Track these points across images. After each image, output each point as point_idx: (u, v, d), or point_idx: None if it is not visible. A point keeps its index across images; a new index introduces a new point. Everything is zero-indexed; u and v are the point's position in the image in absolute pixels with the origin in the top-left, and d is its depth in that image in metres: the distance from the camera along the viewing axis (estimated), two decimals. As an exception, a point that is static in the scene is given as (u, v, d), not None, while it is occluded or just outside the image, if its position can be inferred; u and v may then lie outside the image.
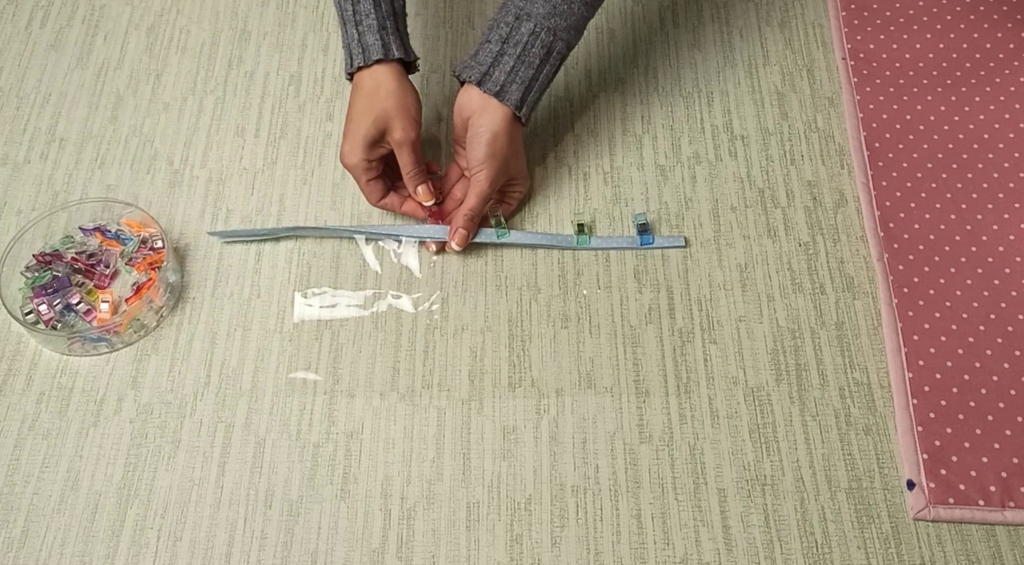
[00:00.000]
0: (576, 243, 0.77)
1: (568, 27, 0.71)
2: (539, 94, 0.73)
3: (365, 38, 0.72)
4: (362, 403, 0.72)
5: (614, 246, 0.77)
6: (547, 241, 0.77)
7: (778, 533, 0.66)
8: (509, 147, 0.73)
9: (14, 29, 0.94)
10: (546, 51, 0.71)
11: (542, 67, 0.72)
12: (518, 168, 0.77)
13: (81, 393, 0.72)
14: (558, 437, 0.70)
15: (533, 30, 0.70)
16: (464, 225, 0.75)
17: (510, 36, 0.71)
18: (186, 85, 0.89)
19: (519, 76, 0.71)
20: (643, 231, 0.77)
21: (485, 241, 0.77)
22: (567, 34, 0.72)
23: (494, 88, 0.71)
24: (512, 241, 0.77)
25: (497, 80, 0.71)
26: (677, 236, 0.78)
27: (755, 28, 0.91)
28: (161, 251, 0.77)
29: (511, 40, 0.71)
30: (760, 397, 0.71)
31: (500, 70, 0.71)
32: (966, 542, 0.65)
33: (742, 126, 0.85)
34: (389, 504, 0.67)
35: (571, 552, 0.65)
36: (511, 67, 0.71)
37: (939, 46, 0.88)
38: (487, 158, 0.72)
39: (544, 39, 0.71)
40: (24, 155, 0.85)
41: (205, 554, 0.66)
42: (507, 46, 0.71)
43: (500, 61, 0.71)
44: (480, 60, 0.72)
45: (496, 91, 0.71)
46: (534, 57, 0.71)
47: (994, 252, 0.76)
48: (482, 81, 0.71)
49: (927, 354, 0.71)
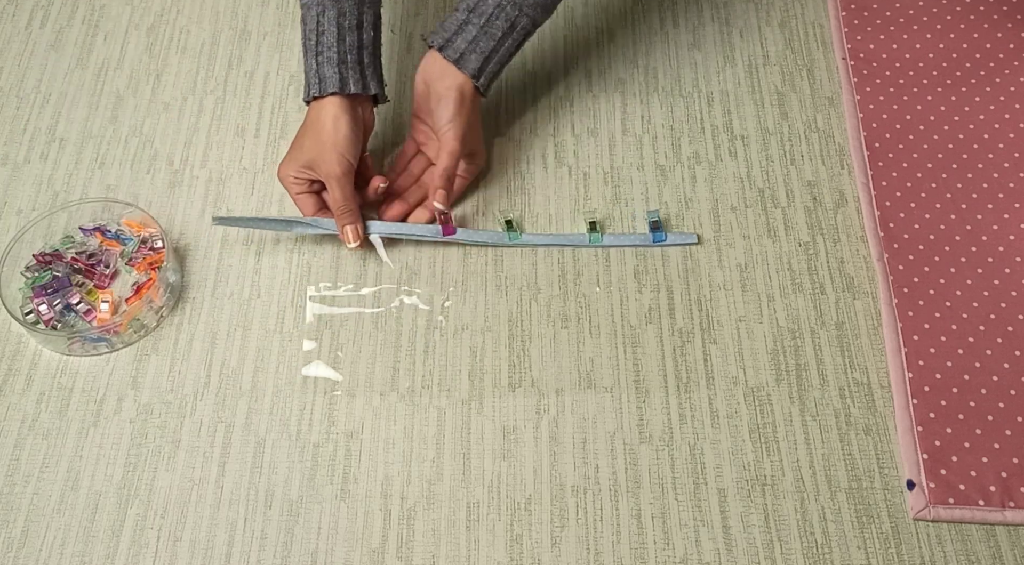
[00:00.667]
0: (589, 241, 0.77)
1: (535, 4, 0.73)
2: (498, 66, 0.75)
3: (323, 70, 0.73)
4: (362, 403, 0.72)
5: (627, 243, 0.77)
6: (560, 241, 0.77)
7: (778, 533, 0.66)
8: (472, 119, 0.75)
9: (14, 29, 0.94)
10: (510, 25, 0.73)
11: (504, 40, 0.74)
12: (474, 140, 0.78)
13: (81, 393, 0.72)
14: (558, 437, 0.70)
15: (499, 3, 0.72)
16: (443, 185, 0.75)
17: (477, 6, 0.73)
18: (186, 85, 0.89)
19: (479, 46, 0.73)
20: (655, 228, 0.77)
21: (497, 243, 0.77)
22: (533, 11, 0.73)
23: (454, 55, 0.73)
24: (524, 243, 0.77)
25: (458, 47, 0.73)
26: (690, 234, 0.78)
27: (755, 28, 0.91)
28: (161, 251, 0.77)
29: (477, 11, 0.73)
30: (760, 397, 0.71)
31: (462, 38, 0.73)
32: (966, 542, 0.65)
33: (742, 126, 0.85)
34: (389, 504, 0.67)
35: (571, 552, 0.65)
36: (473, 36, 0.73)
37: (939, 46, 0.88)
38: (454, 116, 0.74)
39: (509, 13, 0.72)
40: (24, 155, 0.85)
41: (205, 554, 0.66)
42: (472, 16, 0.73)
43: (464, 29, 0.73)
44: (446, 27, 0.74)
45: (456, 58, 0.73)
46: (497, 29, 0.73)
47: (994, 252, 0.76)
48: (444, 47, 0.73)
49: (927, 354, 0.71)
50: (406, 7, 0.94)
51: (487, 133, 0.85)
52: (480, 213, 0.81)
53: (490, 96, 0.85)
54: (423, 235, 0.77)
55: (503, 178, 0.82)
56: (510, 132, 0.85)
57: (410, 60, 0.90)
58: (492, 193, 0.82)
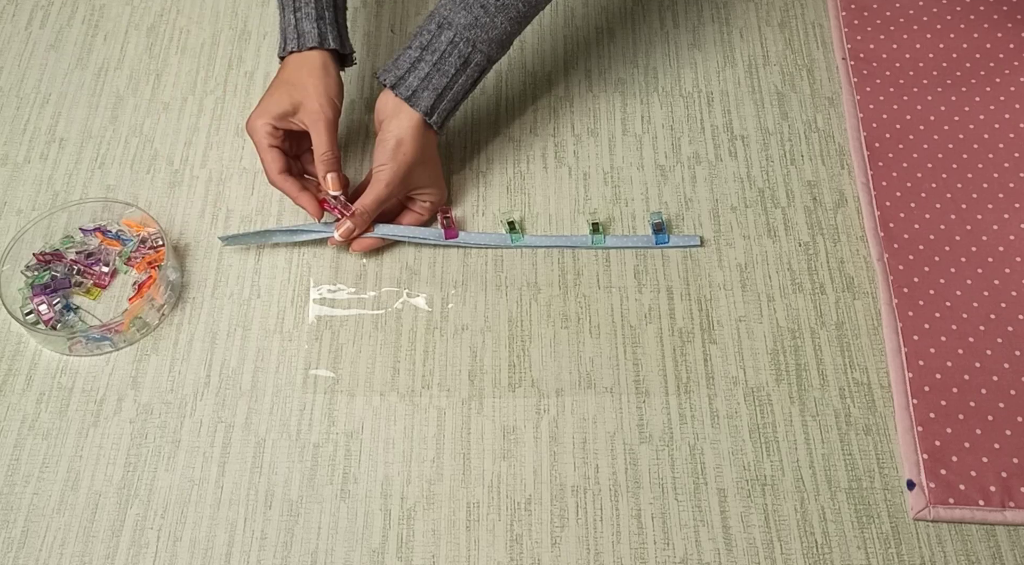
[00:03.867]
0: (592, 242, 0.77)
1: (490, 40, 0.71)
2: (452, 103, 0.73)
3: (302, 25, 0.73)
4: (362, 403, 0.72)
5: (629, 245, 0.77)
6: (563, 243, 0.77)
7: (778, 533, 0.66)
8: (415, 154, 0.73)
9: (14, 29, 0.94)
10: (463, 61, 0.72)
11: (457, 77, 0.72)
12: (427, 176, 0.76)
13: (81, 393, 0.72)
14: (558, 437, 0.70)
15: (452, 39, 0.71)
16: (353, 219, 0.74)
17: (430, 44, 0.71)
18: (186, 85, 0.89)
19: (432, 83, 0.72)
20: (658, 230, 0.77)
21: (500, 245, 0.77)
22: (487, 47, 0.72)
23: (406, 93, 0.72)
24: (527, 245, 0.77)
25: (410, 85, 0.72)
26: (693, 236, 0.78)
27: (755, 28, 0.91)
28: (161, 249, 0.77)
29: (430, 47, 0.71)
30: (760, 397, 0.71)
31: (415, 76, 0.72)
32: (966, 542, 0.65)
33: (742, 126, 0.85)
34: (389, 504, 0.67)
35: (571, 552, 0.65)
36: (426, 74, 0.71)
37: (939, 46, 0.88)
38: (388, 161, 0.72)
39: (462, 50, 0.71)
40: (24, 155, 0.85)
41: (205, 554, 0.66)
42: (425, 53, 0.72)
43: (416, 67, 0.72)
44: (399, 64, 0.73)
45: (407, 96, 0.72)
46: (450, 66, 0.71)
47: (994, 252, 0.76)
48: (396, 85, 0.72)
49: (927, 354, 0.71)
50: (406, 7, 0.94)
51: (487, 133, 0.85)
52: (480, 213, 0.81)
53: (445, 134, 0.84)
54: (425, 238, 0.77)
55: (503, 178, 0.82)
56: (510, 132, 0.85)
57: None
58: (492, 193, 0.82)
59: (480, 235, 0.78)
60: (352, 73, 0.89)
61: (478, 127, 0.85)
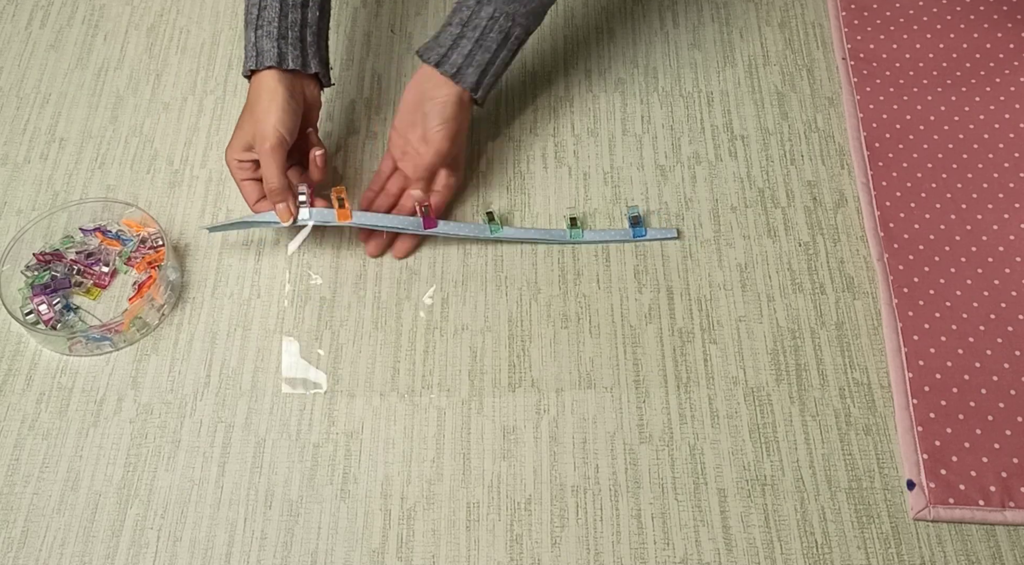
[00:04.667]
0: (569, 237, 0.77)
1: (527, 13, 0.74)
2: (495, 78, 0.76)
3: (261, 42, 0.72)
4: (362, 403, 0.72)
5: (607, 239, 0.78)
6: (540, 236, 0.77)
7: (778, 533, 0.66)
8: (460, 123, 0.75)
9: (14, 29, 0.94)
10: (504, 36, 0.74)
11: (499, 51, 0.74)
12: (460, 151, 0.78)
13: (81, 393, 0.72)
14: (558, 437, 0.70)
15: (492, 15, 0.73)
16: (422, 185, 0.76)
17: (470, 20, 0.73)
18: (186, 85, 0.89)
19: (475, 60, 0.73)
20: (635, 223, 0.78)
21: (479, 236, 0.77)
22: (526, 19, 0.74)
23: (451, 70, 0.73)
24: (505, 236, 0.77)
25: (455, 62, 0.73)
26: (670, 229, 0.78)
27: (755, 28, 0.91)
28: (161, 249, 0.77)
29: (471, 24, 0.73)
30: (760, 397, 0.71)
31: (458, 53, 0.73)
32: (966, 542, 0.65)
33: (742, 126, 0.85)
34: (389, 504, 0.67)
35: (571, 552, 0.65)
36: (469, 51, 0.73)
37: (939, 46, 0.88)
38: (447, 119, 0.74)
39: (502, 24, 0.73)
40: (24, 155, 0.85)
41: (205, 554, 0.66)
42: (466, 29, 0.73)
43: (459, 44, 0.73)
44: (440, 42, 0.74)
45: (453, 73, 0.73)
46: (491, 42, 0.73)
47: (994, 252, 0.76)
48: (440, 62, 0.74)
49: (927, 354, 0.71)
50: (406, 7, 0.94)
51: (487, 133, 0.85)
52: (479, 213, 0.81)
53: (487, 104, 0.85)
54: (404, 228, 0.76)
55: (503, 178, 0.82)
56: (510, 132, 0.85)
57: (409, 61, 0.90)
58: (492, 193, 0.82)
59: (458, 225, 0.78)
60: (353, 73, 0.89)
61: (478, 127, 0.85)
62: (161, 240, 0.77)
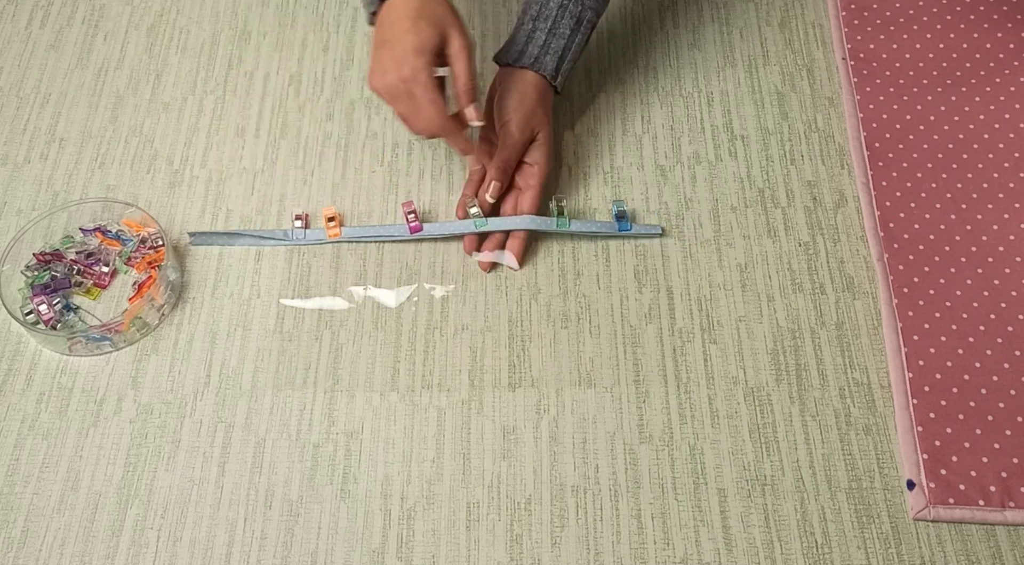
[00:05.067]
0: (556, 225, 0.77)
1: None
2: (572, 63, 0.78)
3: None
4: (362, 403, 0.72)
5: (593, 230, 0.77)
6: (527, 224, 0.76)
7: (778, 533, 0.66)
8: (538, 107, 0.76)
9: (14, 29, 0.94)
10: (576, 21, 0.75)
11: (573, 36, 0.76)
12: (545, 127, 0.77)
13: (81, 393, 0.72)
14: (558, 437, 0.70)
15: (562, 3, 0.74)
16: (497, 176, 0.76)
17: (540, 13, 0.75)
18: (186, 85, 0.89)
19: (551, 47, 0.75)
20: (621, 217, 0.78)
21: (466, 231, 0.77)
22: (595, 2, 0.76)
23: (528, 61, 0.75)
24: (492, 228, 0.77)
25: (531, 54, 0.75)
26: (655, 225, 0.78)
27: (755, 28, 0.91)
28: (161, 249, 0.77)
29: (541, 16, 0.75)
30: (760, 397, 0.71)
31: (534, 45, 0.75)
32: (966, 542, 0.65)
33: (742, 126, 0.85)
34: (389, 504, 0.67)
35: (571, 552, 0.65)
36: (543, 41, 0.75)
37: (939, 46, 0.88)
38: (516, 107, 0.75)
39: (572, 10, 0.75)
40: (24, 155, 0.85)
41: (205, 554, 0.66)
42: (538, 22, 0.75)
43: (533, 37, 0.75)
44: (516, 41, 0.76)
45: (530, 63, 0.75)
46: (564, 28, 0.75)
47: (994, 252, 0.76)
48: (518, 59, 0.76)
49: (927, 354, 0.71)
50: (406, 7, 0.94)
51: (487, 133, 0.85)
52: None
53: None
54: (392, 236, 0.77)
55: (503, 178, 0.82)
56: (510, 132, 0.85)
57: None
58: (492, 193, 0.82)
59: (444, 225, 0.77)
60: (353, 73, 0.89)
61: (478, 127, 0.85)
62: (161, 240, 0.77)
